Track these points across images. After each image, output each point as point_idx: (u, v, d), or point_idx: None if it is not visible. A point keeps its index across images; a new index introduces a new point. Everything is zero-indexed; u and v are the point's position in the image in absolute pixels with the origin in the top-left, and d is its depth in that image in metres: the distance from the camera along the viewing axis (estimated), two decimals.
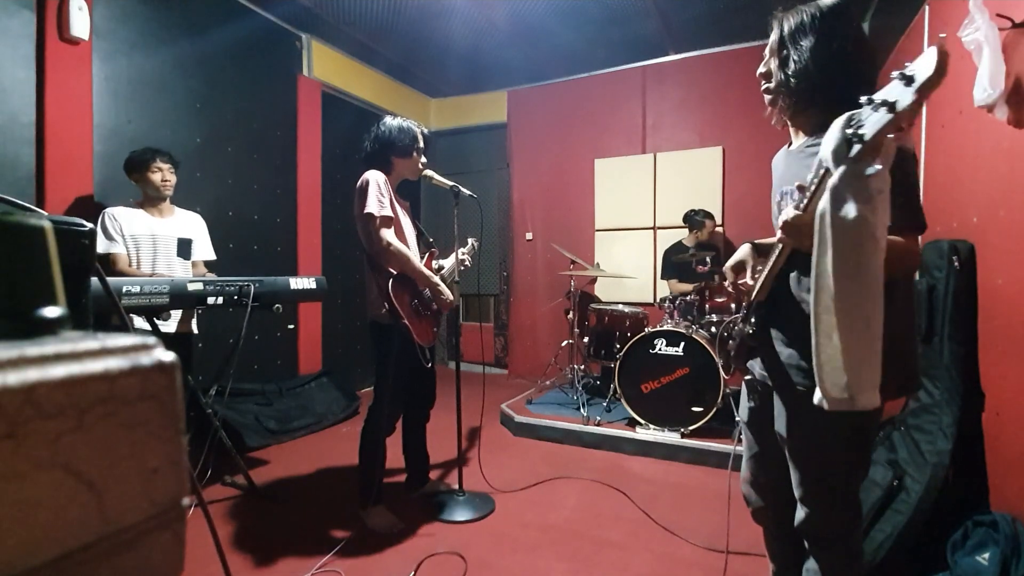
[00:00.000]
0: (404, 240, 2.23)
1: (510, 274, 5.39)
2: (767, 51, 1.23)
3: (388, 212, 2.11)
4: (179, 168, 2.67)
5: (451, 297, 2.26)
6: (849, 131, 0.85)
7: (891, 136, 0.81)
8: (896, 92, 0.78)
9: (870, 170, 0.83)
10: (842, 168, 0.86)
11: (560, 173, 5.09)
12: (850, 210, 0.86)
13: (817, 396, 0.96)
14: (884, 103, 0.79)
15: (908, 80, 0.76)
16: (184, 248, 2.67)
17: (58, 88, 2.65)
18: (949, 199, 2.26)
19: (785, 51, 1.18)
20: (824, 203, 0.89)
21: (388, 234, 2.09)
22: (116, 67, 2.95)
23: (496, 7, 3.83)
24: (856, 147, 0.83)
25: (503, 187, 5.47)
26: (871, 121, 0.81)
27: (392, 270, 2.13)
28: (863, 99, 0.83)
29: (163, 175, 2.57)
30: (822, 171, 0.93)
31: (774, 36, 1.22)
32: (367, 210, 2.07)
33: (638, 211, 4.74)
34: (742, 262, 1.31)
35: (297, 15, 3.96)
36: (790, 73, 1.16)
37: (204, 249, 2.79)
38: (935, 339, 2.03)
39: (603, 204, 4.91)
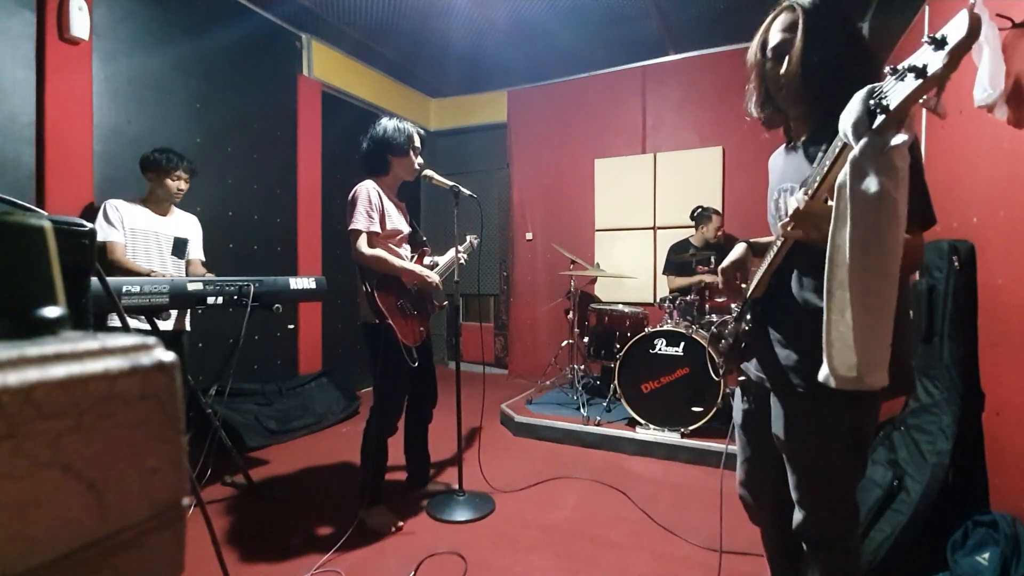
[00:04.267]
0: (399, 244, 2.27)
1: (510, 274, 5.39)
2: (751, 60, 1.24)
3: (375, 227, 2.17)
4: (194, 177, 2.69)
5: (434, 279, 2.28)
6: (872, 102, 0.81)
7: (921, 103, 0.77)
8: (925, 57, 0.73)
9: (896, 140, 0.79)
10: (864, 140, 0.82)
11: (560, 173, 5.09)
12: (871, 183, 0.81)
13: (823, 373, 0.92)
14: (912, 69, 0.74)
15: (939, 44, 0.71)
16: (179, 247, 2.69)
17: (58, 88, 2.65)
18: (949, 199, 2.26)
19: (768, 61, 1.18)
20: (843, 176, 0.85)
21: (364, 246, 2.13)
22: (116, 67, 2.95)
23: (496, 7, 3.82)
24: (880, 118, 0.79)
25: (503, 187, 5.47)
26: (896, 90, 0.77)
27: (379, 271, 2.17)
28: (887, 69, 0.79)
29: (180, 184, 2.60)
30: (838, 148, 0.90)
31: (752, 51, 1.22)
32: (353, 226, 2.14)
33: (638, 211, 4.73)
34: (739, 261, 1.30)
35: (297, 15, 3.96)
36: (782, 81, 1.15)
37: (197, 250, 2.82)
38: (935, 339, 2.03)
39: (603, 204, 4.91)
